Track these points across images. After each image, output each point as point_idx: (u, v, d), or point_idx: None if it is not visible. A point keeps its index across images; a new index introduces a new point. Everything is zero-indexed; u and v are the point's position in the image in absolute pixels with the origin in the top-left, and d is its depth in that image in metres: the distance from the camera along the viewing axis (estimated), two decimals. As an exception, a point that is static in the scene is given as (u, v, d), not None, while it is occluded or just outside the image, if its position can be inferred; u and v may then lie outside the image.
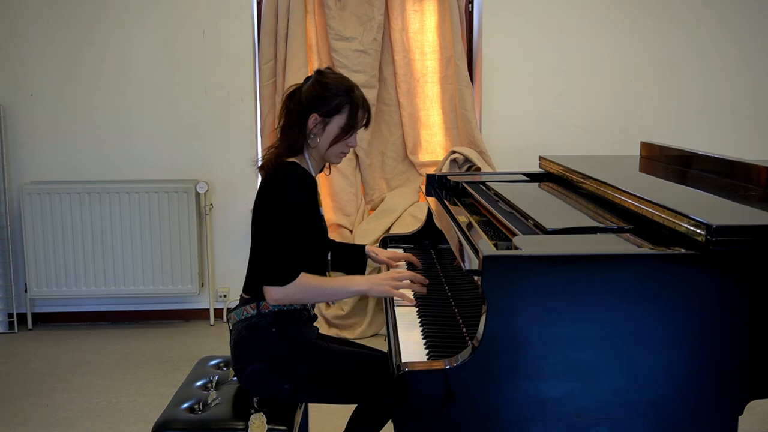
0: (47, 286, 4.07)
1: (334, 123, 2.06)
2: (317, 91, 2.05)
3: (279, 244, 1.97)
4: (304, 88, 2.08)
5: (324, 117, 2.05)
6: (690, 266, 1.57)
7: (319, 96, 2.04)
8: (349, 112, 2.06)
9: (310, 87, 2.06)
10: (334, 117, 2.06)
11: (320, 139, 2.07)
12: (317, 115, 2.04)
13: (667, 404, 1.60)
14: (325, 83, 2.06)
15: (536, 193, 2.42)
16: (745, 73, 4.34)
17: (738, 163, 2.18)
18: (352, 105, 2.07)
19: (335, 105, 2.05)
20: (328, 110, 2.05)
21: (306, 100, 2.05)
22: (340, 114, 2.06)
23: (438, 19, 4.22)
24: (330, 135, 2.07)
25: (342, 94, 2.06)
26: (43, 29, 4.07)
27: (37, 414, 3.14)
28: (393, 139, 4.31)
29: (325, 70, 2.11)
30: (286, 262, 1.97)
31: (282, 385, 2.01)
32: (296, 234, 1.98)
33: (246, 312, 2.06)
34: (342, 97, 2.05)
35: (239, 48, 4.16)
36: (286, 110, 2.10)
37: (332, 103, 2.05)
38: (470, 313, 1.89)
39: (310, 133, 2.06)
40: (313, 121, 2.05)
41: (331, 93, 2.05)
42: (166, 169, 4.20)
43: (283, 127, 2.10)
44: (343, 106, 2.06)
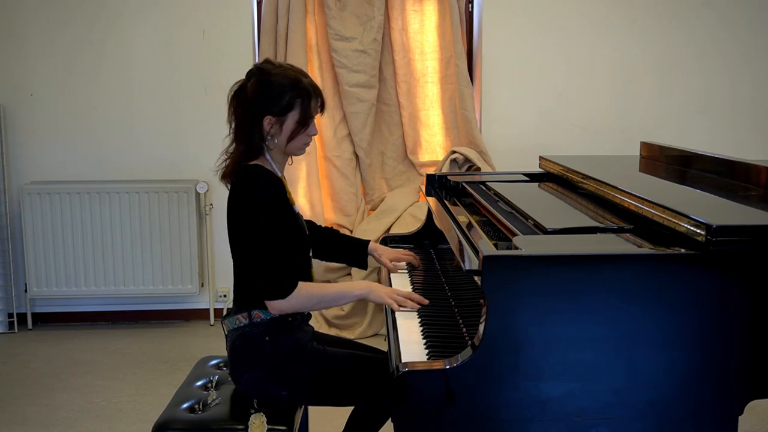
0: (47, 286, 4.06)
1: (289, 120, 1.98)
2: (264, 91, 1.95)
3: (268, 257, 1.92)
4: (249, 87, 1.97)
5: (278, 116, 1.97)
6: (690, 266, 1.57)
7: (268, 96, 1.95)
8: (302, 104, 1.98)
9: (255, 87, 1.96)
10: (288, 114, 1.97)
11: (278, 138, 2.00)
12: (271, 116, 1.97)
13: (667, 404, 1.60)
14: (269, 81, 1.96)
15: (536, 193, 2.42)
16: (745, 73, 4.34)
17: (738, 163, 2.18)
18: (303, 97, 1.98)
19: (287, 102, 1.96)
20: (281, 109, 1.96)
21: (255, 102, 1.96)
22: (293, 110, 1.97)
23: (438, 19, 4.21)
24: (288, 132, 1.99)
25: (290, 88, 1.96)
26: (43, 29, 4.07)
27: (37, 414, 3.14)
28: (393, 139, 4.30)
29: (265, 66, 2.00)
30: (282, 274, 1.93)
31: (279, 392, 2.01)
32: (278, 238, 1.93)
33: (238, 321, 2.03)
34: (291, 91, 1.96)
35: (239, 48, 4.16)
36: (236, 114, 2.01)
37: (283, 100, 1.96)
38: (470, 313, 1.89)
39: (268, 134, 1.99)
40: (268, 122, 1.97)
41: (279, 90, 1.95)
42: (166, 169, 4.20)
43: (237, 131, 2.01)
44: (295, 100, 1.96)
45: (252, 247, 1.94)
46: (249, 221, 1.94)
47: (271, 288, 1.94)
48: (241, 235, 1.99)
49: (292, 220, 2.04)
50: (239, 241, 2.01)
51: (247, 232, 1.95)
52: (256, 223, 1.92)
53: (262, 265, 1.93)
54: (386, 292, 2.06)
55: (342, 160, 4.19)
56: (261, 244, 1.92)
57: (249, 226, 1.94)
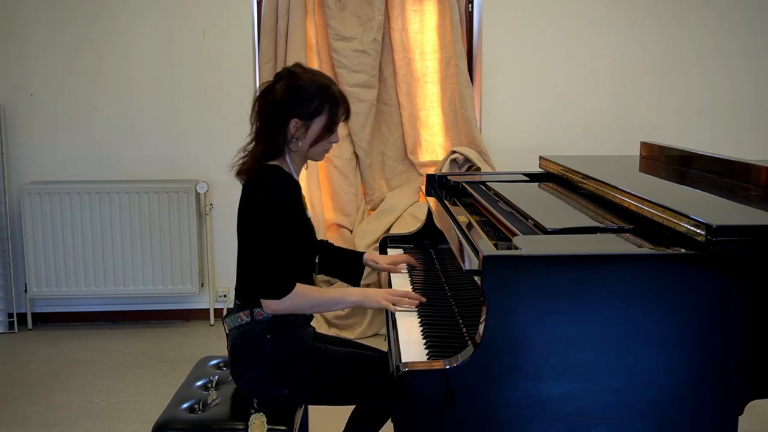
0: (47, 286, 4.06)
1: (315, 125, 2.00)
2: (294, 95, 1.97)
3: (271, 255, 1.92)
4: (278, 89, 1.99)
5: (305, 120, 1.99)
6: (690, 266, 1.57)
7: (297, 99, 1.97)
8: (329, 111, 2.00)
9: (285, 89, 1.98)
10: (315, 119, 1.99)
11: (302, 142, 2.01)
12: (298, 119, 1.98)
13: (667, 404, 1.60)
14: (300, 85, 1.98)
15: (536, 193, 2.42)
16: (745, 72, 4.34)
17: (738, 163, 2.18)
18: (332, 104, 2.00)
19: (315, 107, 1.98)
20: (309, 113, 1.98)
21: (283, 105, 1.97)
22: (321, 115, 2.00)
23: (438, 19, 4.21)
24: (312, 137, 2.02)
25: (320, 94, 1.99)
26: (43, 29, 4.07)
27: (37, 414, 3.14)
28: (393, 139, 4.30)
29: (296, 70, 2.03)
30: (282, 275, 1.94)
31: (281, 390, 2.01)
32: (285, 239, 1.94)
33: (240, 319, 2.04)
34: (320, 97, 1.98)
35: (239, 48, 4.16)
36: (261, 114, 2.02)
37: (312, 105, 1.98)
38: (470, 313, 1.89)
39: (292, 137, 2.00)
40: (294, 125, 1.99)
41: (309, 95, 1.98)
42: (166, 169, 4.20)
43: (260, 131, 2.03)
44: (323, 106, 1.99)
45: (257, 245, 1.95)
46: (260, 219, 1.95)
47: (268, 287, 1.94)
48: (249, 232, 2.00)
49: (303, 224, 2.05)
50: (247, 238, 2.02)
51: (256, 230, 1.96)
52: (267, 222, 1.93)
53: (264, 262, 1.94)
54: (382, 295, 2.06)
55: (342, 160, 4.19)
56: (266, 243, 1.93)
57: (259, 223, 1.95)
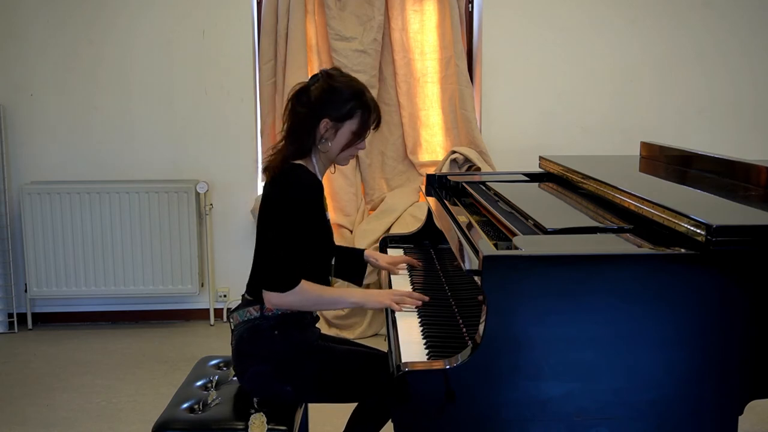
0: (47, 286, 4.06)
1: (346, 128, 2.02)
2: (328, 96, 1.99)
3: (282, 249, 1.94)
4: (313, 90, 2.01)
5: (336, 122, 2.01)
6: (690, 266, 1.57)
7: (330, 100, 1.99)
8: (361, 116, 2.02)
9: (320, 90, 2.00)
10: (346, 122, 2.01)
11: (332, 143, 2.03)
12: (329, 120, 2.00)
13: (667, 404, 1.60)
14: (335, 87, 2.00)
15: (536, 193, 2.42)
16: (745, 72, 4.34)
17: (738, 163, 2.18)
18: (364, 109, 2.02)
19: (348, 110, 2.00)
20: (341, 115, 2.00)
21: (317, 104, 1.99)
22: (352, 119, 2.01)
23: (438, 19, 4.21)
24: (342, 140, 2.03)
25: (354, 98, 2.01)
26: (42, 29, 4.07)
27: (37, 414, 3.14)
28: (393, 139, 4.31)
29: (333, 72, 2.05)
30: (288, 270, 1.95)
31: (284, 387, 2.01)
32: (301, 237, 1.95)
33: (249, 314, 2.04)
34: (354, 101, 2.01)
35: (239, 48, 4.16)
36: (293, 113, 2.03)
37: (344, 108, 2.00)
38: (470, 313, 1.89)
39: (322, 138, 2.02)
40: (325, 126, 2.00)
41: (343, 97, 2.00)
42: (166, 169, 4.20)
43: (290, 129, 2.04)
44: (356, 110, 2.01)
45: (273, 239, 1.96)
46: (278, 215, 1.96)
47: (274, 279, 1.95)
48: (267, 228, 2.00)
49: (322, 225, 2.06)
50: (264, 235, 2.02)
51: (273, 225, 1.97)
52: (284, 218, 1.95)
53: (272, 255, 1.95)
54: (384, 296, 2.07)
55: (346, 161, 4.18)
56: (279, 236, 1.94)
57: (277, 219, 1.96)
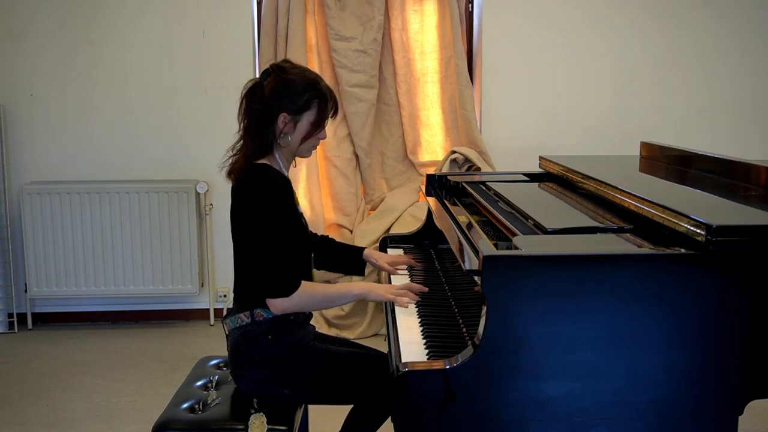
0: (47, 286, 4.06)
1: (304, 119, 2.01)
2: (282, 89, 1.97)
3: (273, 254, 1.92)
4: (266, 85, 1.99)
5: (294, 115, 1.99)
6: (690, 266, 1.57)
7: (285, 94, 1.97)
8: (318, 106, 2.01)
9: (273, 85, 1.98)
10: (304, 114, 2.00)
11: (291, 137, 2.01)
12: (286, 113, 1.99)
13: (667, 404, 1.60)
14: (288, 80, 1.98)
15: (536, 193, 2.42)
16: (746, 72, 4.33)
17: (738, 163, 2.18)
18: (321, 98, 2.01)
19: (304, 101, 1.99)
20: (297, 108, 1.99)
21: (272, 100, 1.97)
22: (309, 110, 2.00)
23: (438, 19, 4.21)
24: (301, 132, 2.02)
25: (309, 89, 1.99)
26: (42, 29, 4.07)
27: (37, 414, 3.14)
28: (393, 139, 4.30)
29: (284, 65, 2.03)
30: (286, 273, 1.94)
31: (281, 391, 2.01)
32: (283, 238, 1.94)
33: (240, 320, 2.03)
34: (310, 92, 1.99)
35: (239, 48, 4.16)
36: (249, 110, 2.01)
37: (300, 99, 1.98)
38: (470, 313, 1.89)
39: (281, 132, 2.00)
40: (283, 120, 1.99)
41: (297, 89, 1.98)
42: (166, 169, 4.20)
43: (248, 128, 2.02)
44: (312, 101, 2.00)
45: (256, 246, 1.94)
46: (255, 219, 1.95)
47: (274, 286, 1.94)
48: (245, 232, 1.99)
49: (296, 220, 2.05)
50: (243, 239, 2.02)
51: (252, 231, 1.95)
52: (263, 222, 1.93)
53: (266, 263, 1.93)
54: (386, 290, 2.08)
55: (342, 160, 4.19)
56: (266, 243, 1.93)
57: (254, 224, 1.95)
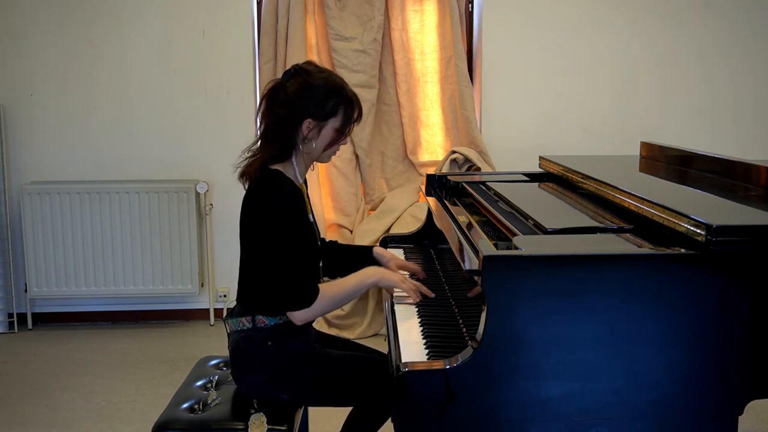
0: (47, 286, 4.06)
1: (329, 126, 1.95)
2: (308, 94, 1.92)
3: (289, 267, 1.88)
4: (290, 87, 1.93)
5: (319, 121, 1.94)
6: (690, 266, 1.57)
7: (311, 99, 1.92)
8: (345, 112, 1.96)
9: (298, 88, 1.92)
10: (329, 120, 1.94)
11: (315, 143, 1.96)
12: (312, 119, 1.93)
13: (667, 404, 1.60)
14: (314, 84, 1.92)
15: (536, 193, 2.42)
16: (746, 72, 4.33)
17: (738, 163, 2.18)
18: (347, 104, 1.96)
19: (330, 107, 1.93)
20: (323, 114, 1.93)
21: (297, 104, 1.92)
22: (335, 116, 1.95)
23: (438, 19, 4.21)
24: (326, 138, 1.97)
25: (336, 94, 1.94)
26: (42, 29, 4.07)
27: (37, 414, 3.14)
28: (393, 139, 4.30)
29: (308, 68, 1.96)
30: (304, 284, 1.90)
31: (280, 395, 2.01)
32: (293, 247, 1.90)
33: (242, 324, 2.01)
34: (336, 97, 1.93)
35: (239, 48, 4.16)
36: (271, 113, 1.96)
37: (327, 105, 1.92)
38: (470, 313, 1.89)
39: (305, 138, 1.95)
40: (308, 126, 1.93)
41: (323, 94, 1.92)
42: (166, 169, 4.20)
43: (268, 131, 1.97)
44: (339, 107, 1.94)
45: (271, 258, 1.90)
46: (266, 229, 1.90)
47: (295, 298, 1.90)
48: (254, 239, 1.96)
49: (307, 230, 2.02)
50: (251, 245, 1.99)
51: (263, 239, 1.91)
52: (274, 232, 1.89)
53: (283, 276, 1.89)
54: (398, 277, 2.07)
55: (342, 160, 4.19)
56: (280, 255, 1.88)
57: (264, 232, 1.91)
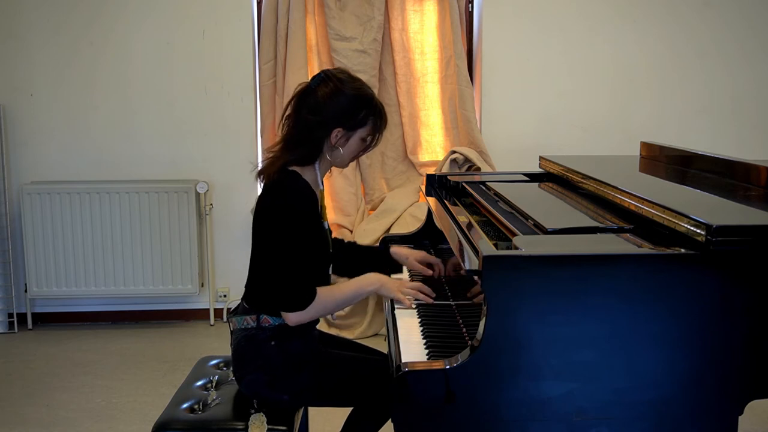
0: (47, 286, 4.06)
1: (357, 135, 1.97)
2: (340, 104, 1.93)
3: (290, 268, 1.90)
4: (321, 95, 1.93)
5: (347, 131, 1.95)
6: (690, 266, 1.56)
7: (343, 109, 1.93)
8: (374, 123, 1.97)
9: (330, 97, 1.93)
10: (358, 130, 1.96)
11: (342, 150, 1.97)
12: (341, 129, 1.94)
13: (667, 404, 1.60)
14: (347, 94, 1.93)
15: (536, 193, 2.42)
16: (745, 72, 4.33)
17: (738, 163, 2.18)
18: (376, 115, 1.97)
19: (361, 118, 1.95)
20: (354, 124, 1.95)
21: (328, 113, 1.93)
22: (364, 127, 1.97)
23: (438, 19, 4.22)
24: (352, 147, 1.98)
25: (366, 105, 1.95)
26: (43, 29, 4.07)
27: (37, 414, 3.14)
28: (393, 139, 4.31)
29: (341, 76, 1.97)
30: (302, 287, 1.92)
31: (281, 396, 2.01)
32: (304, 250, 1.91)
33: (246, 323, 2.02)
34: (367, 109, 1.95)
35: (239, 48, 4.16)
36: (299, 118, 1.96)
37: (357, 116, 1.94)
38: (470, 313, 1.89)
39: (333, 146, 1.96)
40: (336, 134, 1.95)
41: (356, 105, 1.94)
42: (166, 169, 4.20)
43: (295, 135, 1.97)
44: (368, 117, 1.96)
45: (275, 257, 1.92)
46: (276, 229, 1.92)
47: (291, 300, 1.93)
48: (265, 239, 1.97)
49: (319, 234, 2.02)
50: (262, 245, 2.00)
51: (273, 240, 1.93)
52: (283, 232, 1.91)
53: (283, 276, 1.91)
54: (397, 287, 2.07)
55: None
56: (284, 255, 1.90)
57: (276, 233, 1.92)
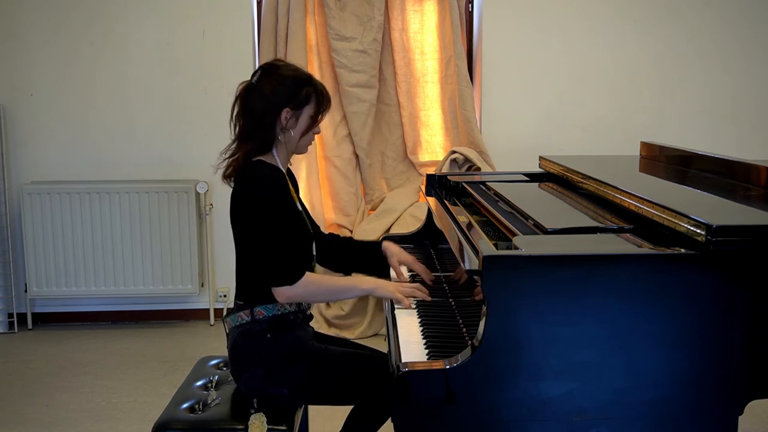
0: (47, 286, 4.06)
1: (305, 113, 2.05)
2: (283, 85, 2.02)
3: (275, 244, 1.96)
4: (263, 84, 2.03)
5: (295, 109, 2.04)
6: (690, 266, 1.57)
7: (286, 89, 2.02)
8: (317, 99, 2.06)
9: (272, 82, 2.03)
10: (304, 108, 2.05)
11: (293, 131, 2.05)
12: (289, 108, 2.03)
13: (667, 404, 1.60)
14: (287, 75, 2.04)
15: (536, 193, 2.42)
16: (745, 72, 4.33)
17: (738, 163, 2.18)
18: (317, 92, 2.07)
19: (304, 95, 2.04)
20: (299, 102, 2.03)
21: (273, 96, 2.01)
22: (309, 104, 2.05)
23: (438, 19, 4.21)
24: (302, 126, 2.06)
25: (306, 83, 2.05)
26: (43, 29, 4.07)
27: (37, 414, 3.14)
28: (393, 139, 4.31)
29: (277, 62, 2.09)
30: (289, 261, 1.98)
31: (280, 390, 2.01)
32: (282, 231, 1.98)
33: (240, 318, 2.05)
34: (308, 86, 2.05)
35: (239, 48, 4.16)
36: (247, 110, 2.05)
37: (301, 94, 2.03)
38: (470, 313, 1.89)
39: (285, 128, 2.04)
40: (286, 114, 2.03)
41: (296, 83, 2.03)
42: (166, 169, 4.20)
43: (247, 129, 2.05)
44: (311, 95, 2.05)
45: (258, 239, 1.98)
46: (253, 215, 1.98)
47: (278, 274, 1.97)
48: (245, 230, 2.02)
49: (294, 213, 2.08)
50: (243, 237, 2.05)
51: (252, 227, 1.99)
52: (261, 216, 1.97)
53: (269, 253, 1.97)
54: (395, 287, 2.08)
55: (342, 160, 4.19)
56: (267, 235, 1.96)
57: (254, 220, 1.98)
